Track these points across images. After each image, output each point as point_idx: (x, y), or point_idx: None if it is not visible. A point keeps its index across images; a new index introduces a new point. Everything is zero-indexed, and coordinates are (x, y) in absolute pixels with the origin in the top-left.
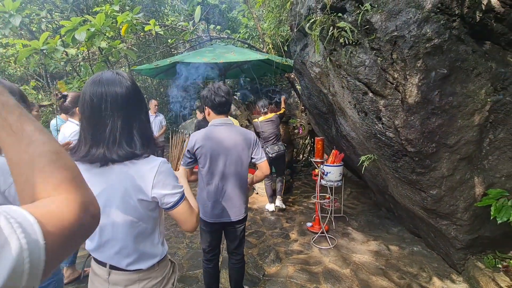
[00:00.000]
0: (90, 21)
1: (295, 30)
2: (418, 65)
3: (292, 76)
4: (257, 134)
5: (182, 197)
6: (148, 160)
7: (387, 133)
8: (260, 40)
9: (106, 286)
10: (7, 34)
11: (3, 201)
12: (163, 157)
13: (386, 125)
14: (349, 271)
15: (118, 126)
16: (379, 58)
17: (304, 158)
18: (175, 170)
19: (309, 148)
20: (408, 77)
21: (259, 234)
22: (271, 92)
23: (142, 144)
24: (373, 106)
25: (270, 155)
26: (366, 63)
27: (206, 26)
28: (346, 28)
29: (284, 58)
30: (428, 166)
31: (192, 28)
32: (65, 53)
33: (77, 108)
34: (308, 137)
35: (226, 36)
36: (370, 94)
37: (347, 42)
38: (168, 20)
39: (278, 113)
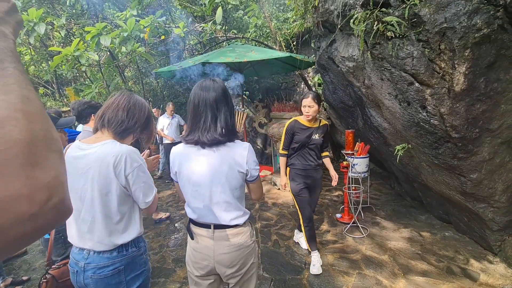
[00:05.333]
0: (119, 27)
1: (321, 26)
2: (466, 54)
3: (298, 73)
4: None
5: (259, 174)
6: (239, 143)
7: (431, 121)
8: (270, 38)
9: (211, 242)
10: (32, 42)
11: (125, 184)
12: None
13: (431, 113)
14: (387, 257)
15: (208, 118)
16: (426, 49)
17: None
18: None
19: None
20: (456, 66)
21: (291, 227)
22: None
23: (224, 131)
24: (418, 96)
25: None
26: (414, 55)
27: (224, 26)
28: (392, 22)
29: (302, 55)
30: (470, 151)
31: (213, 28)
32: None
33: (93, 115)
34: None
35: (241, 36)
36: (416, 84)
37: (393, 36)
38: (181, 23)
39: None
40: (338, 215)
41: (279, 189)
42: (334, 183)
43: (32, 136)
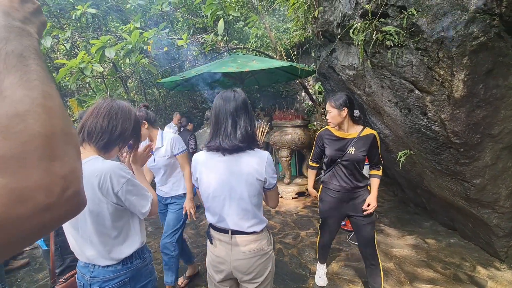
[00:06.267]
0: (123, 39)
1: (321, 36)
2: (464, 61)
3: (299, 81)
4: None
5: (276, 182)
6: (259, 151)
7: (432, 127)
8: (270, 48)
9: (229, 248)
10: None
11: (117, 201)
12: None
13: (432, 119)
14: (393, 264)
15: (229, 125)
16: (425, 57)
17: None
18: None
19: None
20: (455, 73)
21: (295, 235)
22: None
23: (244, 138)
24: (418, 102)
25: None
26: (413, 63)
27: (225, 37)
28: (391, 32)
29: (303, 64)
30: (473, 156)
31: (215, 39)
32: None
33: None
34: None
35: (242, 46)
36: (416, 91)
37: (392, 45)
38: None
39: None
40: (342, 223)
41: (281, 197)
42: (367, 212)
43: (52, 130)
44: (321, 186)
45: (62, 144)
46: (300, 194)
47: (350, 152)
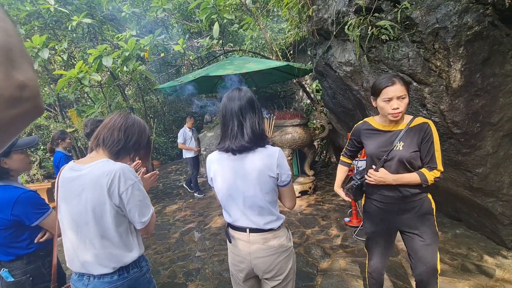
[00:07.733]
0: (119, 47)
1: (316, 34)
2: (460, 51)
3: (296, 80)
4: None
5: (291, 179)
6: (270, 148)
7: (432, 118)
8: (266, 49)
9: (247, 246)
10: (35, 68)
11: (119, 203)
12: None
13: (431, 111)
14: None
15: (235, 126)
16: (421, 50)
17: (320, 159)
18: None
19: (326, 148)
20: (451, 63)
21: (300, 234)
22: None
23: (251, 138)
24: (417, 95)
25: None
26: (409, 55)
27: (221, 40)
28: (386, 26)
29: (299, 63)
30: (474, 145)
31: (210, 43)
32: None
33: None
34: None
35: (238, 48)
36: (414, 84)
37: (388, 39)
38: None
39: None
40: (347, 219)
41: None
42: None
43: (9, 45)
44: (363, 195)
45: (19, 58)
46: (303, 193)
47: (398, 148)
